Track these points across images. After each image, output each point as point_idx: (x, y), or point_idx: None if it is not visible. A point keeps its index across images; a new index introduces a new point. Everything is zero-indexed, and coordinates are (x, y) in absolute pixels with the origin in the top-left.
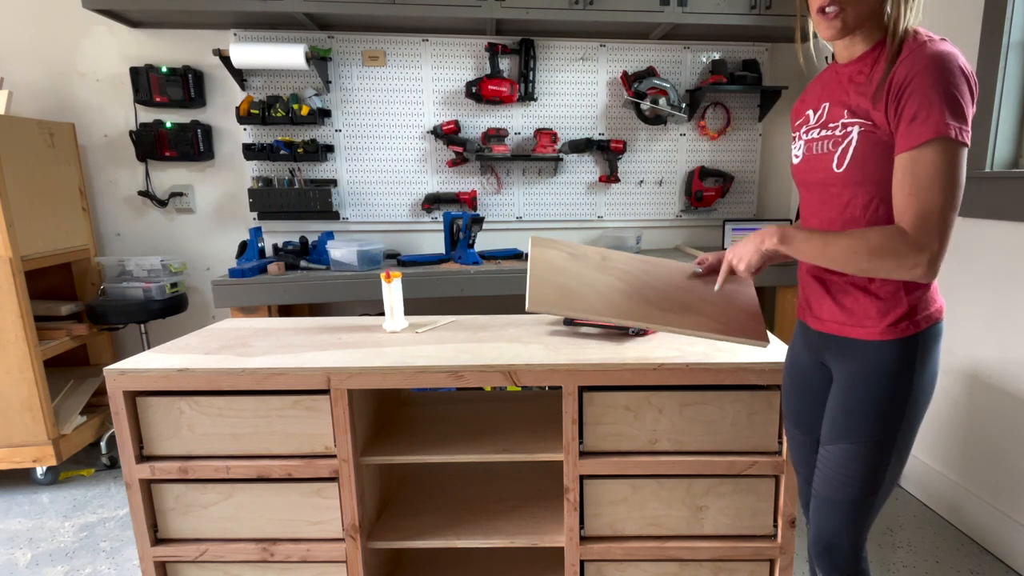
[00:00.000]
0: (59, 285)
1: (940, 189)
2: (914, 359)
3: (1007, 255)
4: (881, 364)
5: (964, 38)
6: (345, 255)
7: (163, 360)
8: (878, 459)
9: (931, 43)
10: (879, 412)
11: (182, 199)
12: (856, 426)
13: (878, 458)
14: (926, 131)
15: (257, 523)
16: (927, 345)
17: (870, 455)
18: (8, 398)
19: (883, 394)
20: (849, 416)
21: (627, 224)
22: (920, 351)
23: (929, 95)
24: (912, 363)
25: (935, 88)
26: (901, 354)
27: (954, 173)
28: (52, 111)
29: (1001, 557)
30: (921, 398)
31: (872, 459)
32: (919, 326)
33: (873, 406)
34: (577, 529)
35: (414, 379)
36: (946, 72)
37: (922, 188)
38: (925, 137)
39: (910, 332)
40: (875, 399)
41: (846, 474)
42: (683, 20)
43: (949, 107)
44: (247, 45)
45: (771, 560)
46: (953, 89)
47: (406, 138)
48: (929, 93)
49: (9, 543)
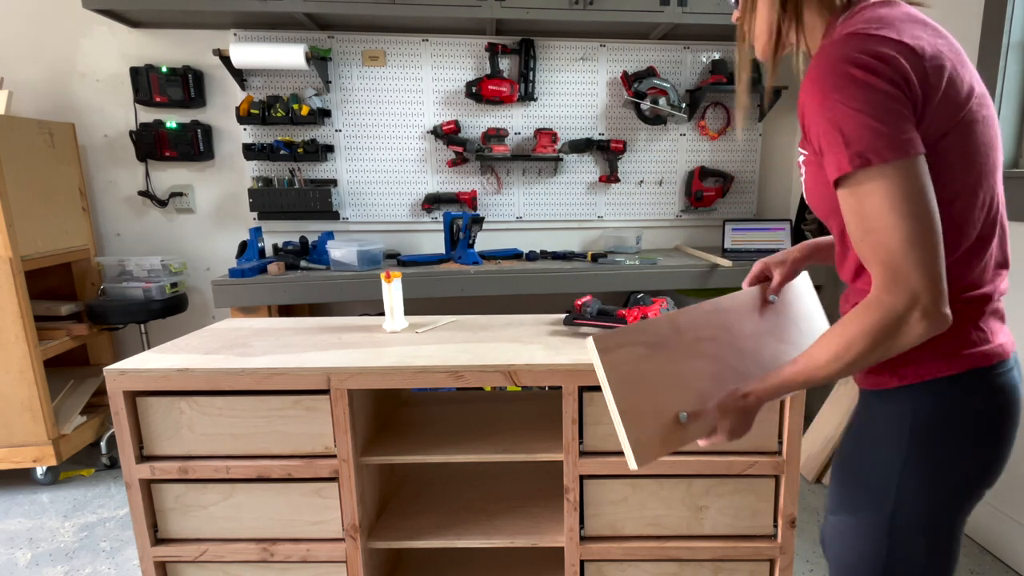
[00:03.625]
0: (59, 285)
1: (892, 226)
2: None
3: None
4: (861, 421)
5: (964, 38)
6: (345, 255)
7: (163, 360)
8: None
9: (824, 48)
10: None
11: (182, 199)
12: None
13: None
14: (832, 169)
15: (257, 523)
16: (918, 411)
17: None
18: (8, 398)
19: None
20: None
21: (627, 224)
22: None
23: (820, 124)
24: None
25: (823, 115)
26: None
27: (898, 200)
28: (52, 111)
29: (1001, 557)
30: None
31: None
32: (904, 377)
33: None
34: (577, 529)
35: (414, 379)
36: (829, 89)
37: (872, 231)
38: (834, 176)
39: (892, 383)
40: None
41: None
42: (683, 20)
43: (844, 132)
44: (247, 45)
45: (771, 560)
46: (833, 114)
47: (406, 138)
48: (819, 122)
49: (9, 543)
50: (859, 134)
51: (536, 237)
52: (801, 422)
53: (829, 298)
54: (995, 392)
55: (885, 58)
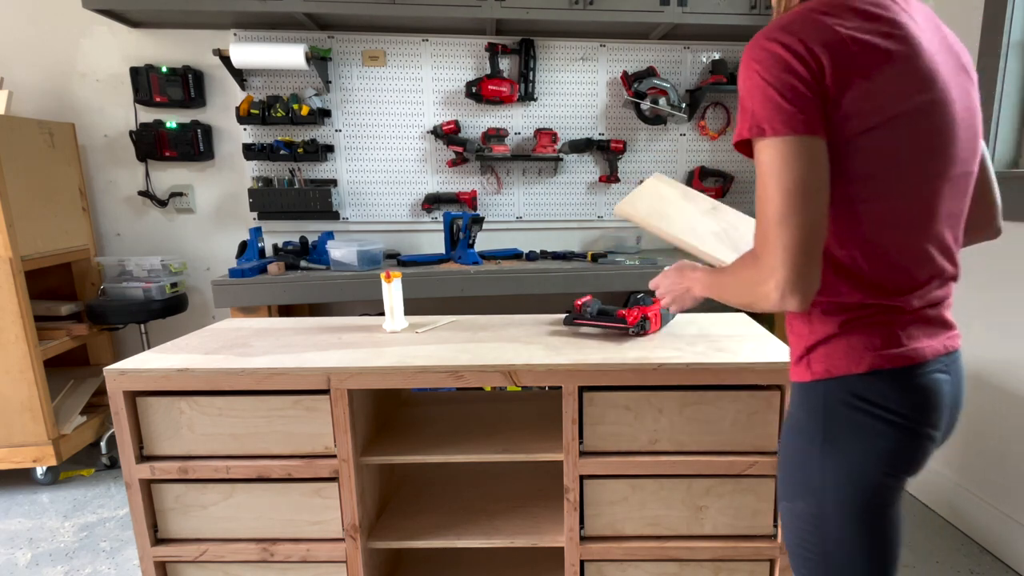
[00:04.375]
0: (59, 285)
1: (770, 198)
2: (819, 416)
3: (1007, 255)
4: (791, 411)
5: (964, 38)
6: (345, 255)
7: (163, 360)
8: (799, 524)
9: (778, 18)
10: (786, 470)
11: (182, 199)
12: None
13: (799, 523)
14: (736, 131)
15: (257, 523)
16: (829, 404)
17: (788, 520)
18: (8, 398)
19: (787, 451)
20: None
21: (627, 224)
22: (822, 408)
23: (741, 85)
24: (816, 417)
25: (743, 78)
26: (806, 402)
27: (778, 173)
28: (52, 111)
29: (1001, 557)
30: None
31: (794, 525)
32: (815, 372)
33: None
34: (577, 529)
35: (414, 379)
36: (753, 57)
37: (759, 196)
38: (735, 139)
39: (806, 377)
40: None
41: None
42: (683, 20)
43: (751, 103)
44: (247, 45)
45: (771, 560)
46: (749, 83)
47: (406, 138)
48: (741, 83)
49: (9, 543)
50: (763, 105)
51: (536, 237)
52: None
53: None
54: (907, 391)
55: (808, 42)
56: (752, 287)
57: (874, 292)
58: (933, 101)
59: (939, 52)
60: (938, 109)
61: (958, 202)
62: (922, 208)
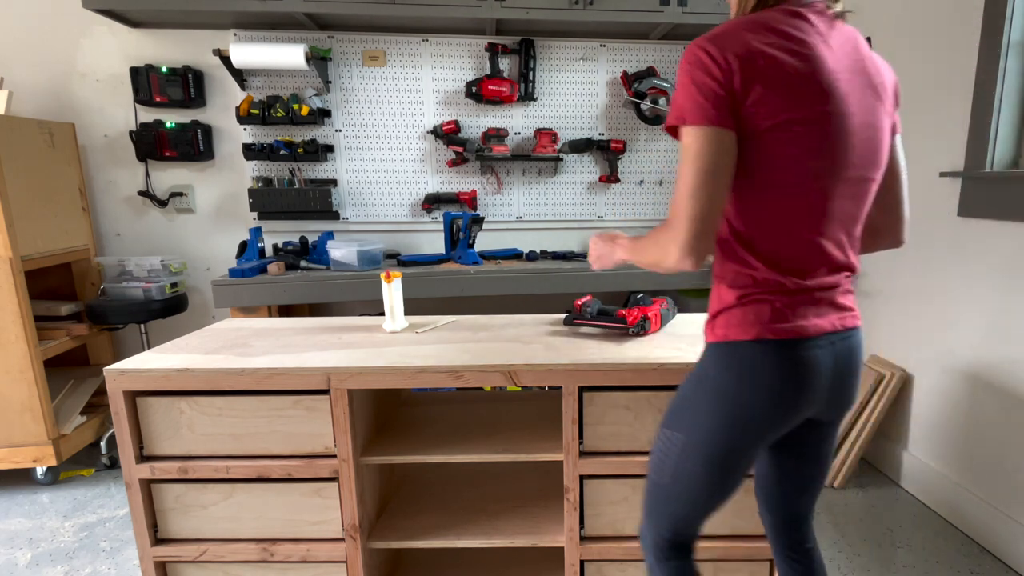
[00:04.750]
0: (59, 285)
1: (682, 174)
2: (711, 372)
3: (1007, 255)
4: (698, 361)
5: (964, 38)
6: (345, 255)
7: (163, 360)
8: (666, 448)
9: (719, 26)
10: (676, 404)
11: (182, 199)
12: (667, 411)
13: (666, 447)
14: (664, 124)
15: (257, 523)
16: (721, 364)
17: (660, 442)
18: (8, 398)
19: (683, 390)
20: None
21: (627, 224)
22: (715, 366)
23: (677, 80)
24: (709, 371)
25: (679, 74)
26: (705, 358)
27: (692, 156)
28: (52, 111)
29: (1001, 557)
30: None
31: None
32: (716, 336)
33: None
34: (577, 529)
35: (414, 379)
36: (688, 58)
37: (677, 173)
38: (663, 125)
39: (710, 339)
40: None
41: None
42: (683, 20)
43: (678, 97)
44: (247, 45)
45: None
46: (679, 80)
47: (406, 138)
48: (677, 78)
49: (9, 543)
50: (685, 98)
51: (536, 237)
52: None
53: None
54: (785, 361)
55: (725, 51)
56: (662, 247)
57: (770, 270)
58: (826, 112)
59: (845, 72)
60: (831, 119)
61: (854, 203)
62: (813, 202)
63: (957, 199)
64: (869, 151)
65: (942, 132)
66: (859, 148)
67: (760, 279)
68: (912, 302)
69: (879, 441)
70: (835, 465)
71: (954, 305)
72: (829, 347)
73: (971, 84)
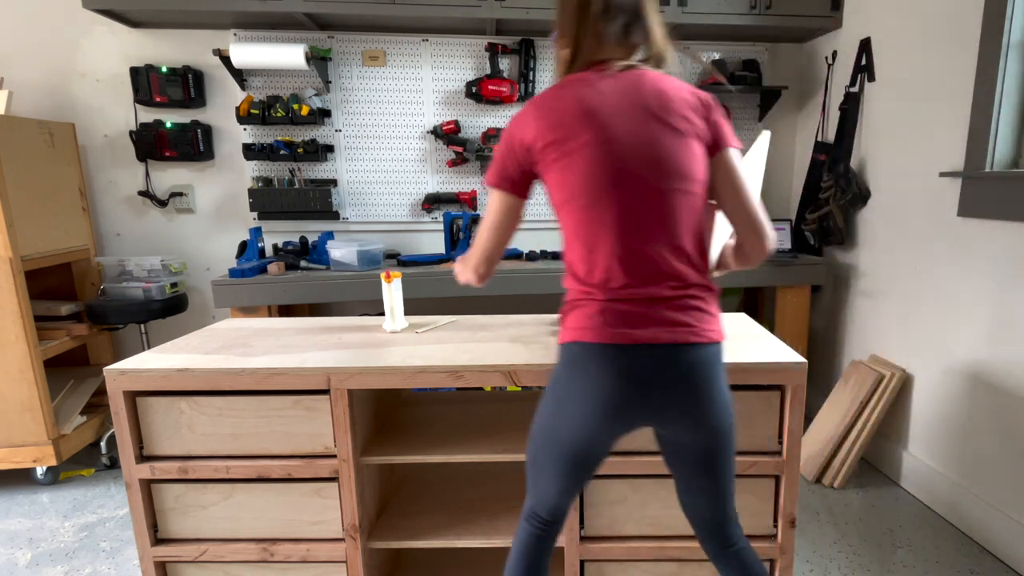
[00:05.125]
0: (59, 285)
1: (482, 225)
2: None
3: (1007, 255)
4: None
5: (964, 38)
6: (345, 255)
7: (163, 360)
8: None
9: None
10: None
11: (182, 199)
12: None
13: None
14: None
15: (257, 523)
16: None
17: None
18: (8, 398)
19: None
20: None
21: None
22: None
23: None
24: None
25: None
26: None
27: (489, 213)
28: (52, 111)
29: (1001, 557)
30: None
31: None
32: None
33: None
34: (577, 529)
35: (414, 379)
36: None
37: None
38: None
39: (558, 340)
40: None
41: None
42: (683, 20)
43: (494, 155)
44: (247, 45)
45: (771, 560)
46: (501, 139)
47: (406, 138)
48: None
49: (9, 543)
50: (495, 160)
51: (536, 237)
52: (801, 422)
53: (828, 297)
54: (569, 362)
55: (522, 119)
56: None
57: (583, 284)
58: (590, 141)
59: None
60: (598, 147)
61: (658, 215)
62: (602, 220)
63: (957, 199)
64: (652, 165)
65: (942, 132)
66: (636, 164)
67: (577, 288)
68: (912, 302)
69: (879, 441)
70: (835, 465)
71: (954, 305)
72: (647, 358)
73: (971, 84)
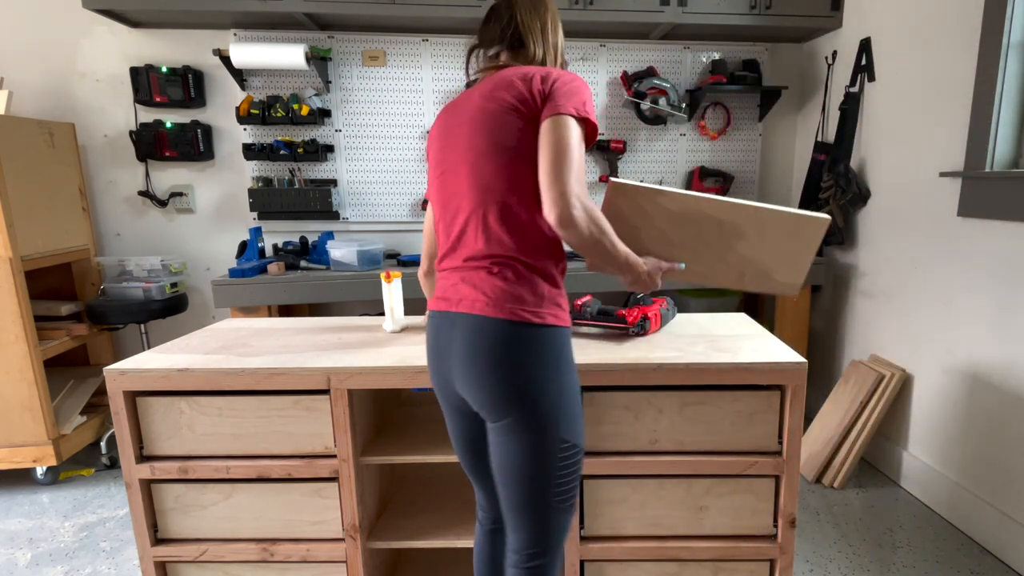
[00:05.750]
0: (59, 285)
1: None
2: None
3: (1007, 255)
4: None
5: (964, 38)
6: (345, 255)
7: (163, 360)
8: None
9: None
10: None
11: (182, 199)
12: None
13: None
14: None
15: (257, 523)
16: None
17: None
18: (8, 398)
19: None
20: None
21: None
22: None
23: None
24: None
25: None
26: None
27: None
28: (52, 111)
29: (1001, 557)
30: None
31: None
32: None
33: None
34: (577, 529)
35: (414, 379)
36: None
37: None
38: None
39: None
40: None
41: None
42: (683, 20)
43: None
44: (247, 45)
45: (771, 560)
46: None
47: (406, 138)
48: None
49: (9, 543)
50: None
51: None
52: (801, 422)
53: (828, 297)
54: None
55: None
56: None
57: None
58: (445, 125)
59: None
60: (445, 131)
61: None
62: (430, 193)
63: (957, 199)
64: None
65: (942, 132)
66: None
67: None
68: (912, 302)
69: (879, 441)
70: (835, 465)
71: (954, 305)
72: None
73: (971, 84)
